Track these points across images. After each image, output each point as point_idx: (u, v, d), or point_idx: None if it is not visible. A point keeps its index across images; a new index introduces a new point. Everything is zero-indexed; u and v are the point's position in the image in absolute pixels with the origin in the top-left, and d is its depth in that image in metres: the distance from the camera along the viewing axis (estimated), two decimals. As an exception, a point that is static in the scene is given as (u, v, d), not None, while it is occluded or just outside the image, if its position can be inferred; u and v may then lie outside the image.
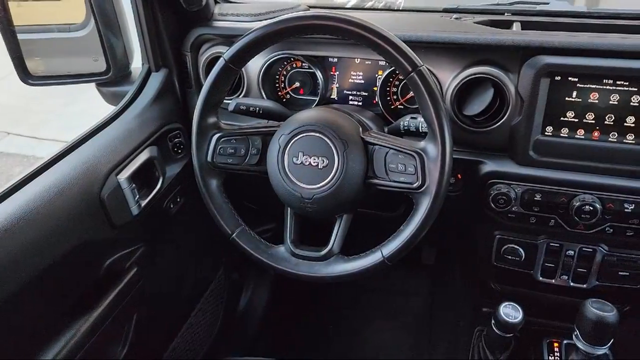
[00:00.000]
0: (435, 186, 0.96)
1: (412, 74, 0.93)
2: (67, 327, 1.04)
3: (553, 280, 1.30)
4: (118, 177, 1.13)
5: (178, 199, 1.35)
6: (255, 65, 1.29)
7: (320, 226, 1.13)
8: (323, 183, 1.00)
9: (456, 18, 1.28)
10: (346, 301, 2.19)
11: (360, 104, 1.32)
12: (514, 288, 1.41)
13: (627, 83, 1.03)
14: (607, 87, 1.05)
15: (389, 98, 1.28)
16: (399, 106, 1.28)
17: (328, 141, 0.99)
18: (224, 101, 1.12)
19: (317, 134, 1.00)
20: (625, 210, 1.10)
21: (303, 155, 1.01)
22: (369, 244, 1.04)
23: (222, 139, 1.08)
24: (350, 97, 1.32)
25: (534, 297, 1.39)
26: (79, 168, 1.06)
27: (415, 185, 0.97)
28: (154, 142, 1.26)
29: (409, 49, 0.93)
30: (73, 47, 1.35)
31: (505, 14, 1.33)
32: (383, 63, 1.26)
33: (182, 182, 1.35)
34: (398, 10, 1.47)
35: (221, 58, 1.01)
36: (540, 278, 1.31)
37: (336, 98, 1.33)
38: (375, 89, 1.27)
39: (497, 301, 1.28)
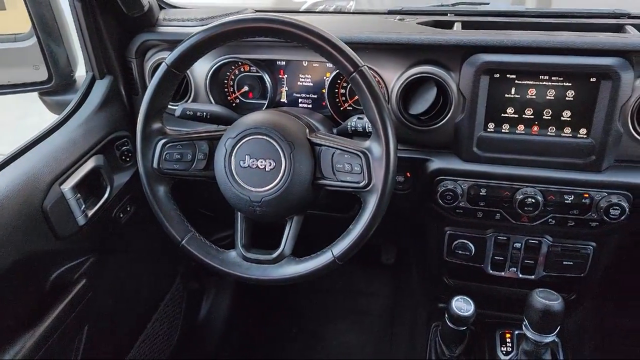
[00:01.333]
0: (381, 184, 0.97)
1: (353, 74, 0.94)
2: (12, 343, 1.00)
3: (503, 273, 1.34)
4: (62, 187, 1.10)
5: (128, 208, 1.33)
6: (202, 70, 1.29)
7: (273, 229, 1.13)
8: (271, 185, 1.00)
9: (400, 19, 1.30)
10: (309, 303, 2.20)
11: (310, 106, 1.33)
12: (467, 282, 1.44)
13: (561, 79, 1.07)
14: (544, 83, 1.08)
15: (337, 100, 1.29)
16: (347, 107, 1.29)
17: (274, 143, 1.00)
18: (172, 107, 1.10)
19: (264, 137, 1.00)
20: (566, 201, 1.14)
21: (250, 159, 1.01)
22: (324, 245, 1.05)
23: (168, 145, 1.06)
24: (300, 100, 1.33)
25: (486, 290, 1.43)
26: (18, 179, 1.02)
27: (362, 184, 0.99)
28: (100, 151, 1.24)
29: (350, 49, 0.94)
30: (19, 57, 1.32)
31: (448, 14, 1.36)
32: (330, 65, 1.27)
33: (132, 191, 1.32)
34: (344, 12, 1.49)
35: (163, 63, 1.00)
36: (491, 271, 1.34)
37: (286, 101, 1.33)
38: (323, 91, 1.28)
39: (452, 296, 1.31)
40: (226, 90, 1.35)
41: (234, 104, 1.36)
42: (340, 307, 2.19)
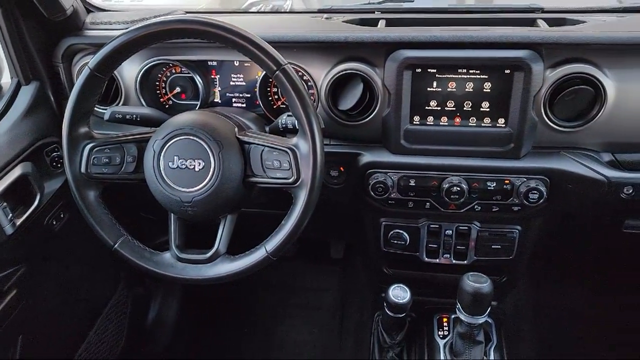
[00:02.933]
0: (310, 179, 1.00)
1: (277, 72, 0.96)
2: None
3: (437, 260, 1.39)
4: None
5: (62, 215, 1.30)
6: (132, 73, 1.28)
7: (212, 228, 1.14)
8: (201, 185, 1.01)
9: (326, 18, 1.33)
10: (261, 302, 2.21)
11: (244, 105, 1.34)
12: (405, 271, 1.49)
13: (478, 71, 1.12)
14: (462, 76, 1.14)
15: (270, 98, 1.31)
16: (280, 105, 1.31)
17: (203, 143, 1.01)
18: (101, 111, 1.09)
19: (191, 137, 1.01)
20: (489, 188, 1.20)
21: (179, 159, 1.01)
22: (261, 242, 1.07)
23: (96, 149, 1.06)
24: (234, 100, 1.34)
25: (423, 278, 1.48)
26: None
27: (291, 180, 1.01)
28: (28, 158, 1.21)
29: (272, 48, 0.96)
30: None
31: (375, 12, 1.40)
32: (261, 64, 1.29)
33: (65, 197, 1.30)
34: (276, 12, 1.51)
35: (86, 67, 1.00)
36: (426, 259, 1.39)
37: (219, 101, 1.34)
38: (256, 90, 1.30)
39: (390, 285, 1.35)
40: (158, 92, 1.35)
41: (167, 106, 1.36)
42: (292, 304, 2.22)
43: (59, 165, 1.29)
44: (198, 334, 2.04)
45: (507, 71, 1.11)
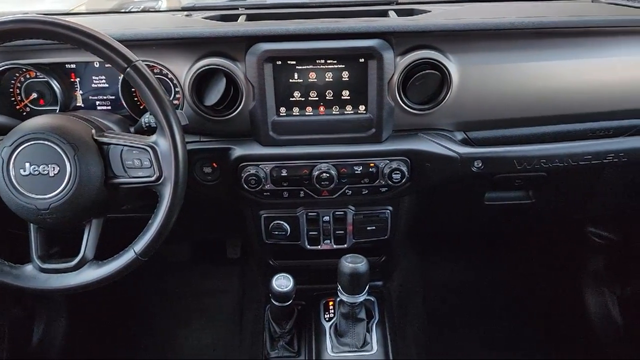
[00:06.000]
0: (173, 175, 0.99)
1: (127, 69, 0.95)
2: None
3: (319, 247, 1.44)
4: None
5: None
6: (-21, 80, 1.20)
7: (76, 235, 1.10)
8: (58, 191, 0.97)
9: (187, 15, 1.33)
10: (160, 309, 2.15)
11: (109, 108, 1.30)
12: (290, 261, 1.52)
13: (335, 61, 1.18)
14: (322, 66, 1.18)
15: (136, 99, 1.28)
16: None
17: (56, 147, 0.97)
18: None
19: (43, 142, 0.97)
20: (356, 172, 1.26)
21: (31, 166, 0.97)
22: None
23: None
24: (98, 103, 1.29)
25: (308, 266, 1.52)
26: None
27: (154, 177, 1.01)
28: None
29: (121, 46, 0.95)
30: None
31: (240, 9, 1.42)
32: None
33: None
34: (134, 12, 1.48)
35: None
36: (309, 246, 1.43)
37: (82, 105, 1.29)
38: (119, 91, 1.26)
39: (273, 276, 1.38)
40: (13, 99, 1.27)
41: (24, 113, 1.28)
42: (192, 309, 2.18)
43: None
44: (92, 352, 1.94)
45: (362, 60, 1.17)
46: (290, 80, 1.19)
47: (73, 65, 1.25)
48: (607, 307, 1.90)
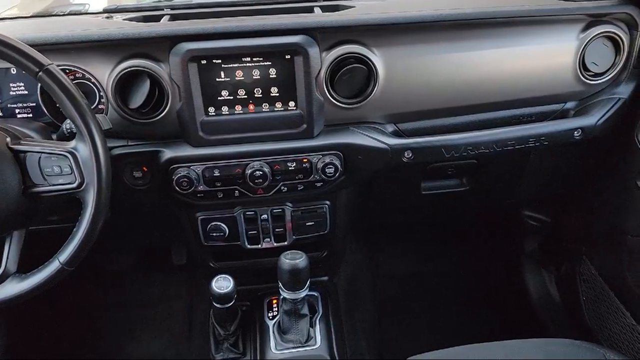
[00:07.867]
0: (95, 181, 0.97)
1: (39, 73, 0.92)
2: None
3: (260, 246, 1.43)
4: None
5: None
6: None
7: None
8: None
9: (107, 17, 1.30)
10: (108, 322, 2.10)
11: (30, 115, 1.25)
12: (231, 262, 1.51)
13: (261, 58, 1.17)
14: (248, 64, 1.17)
15: (57, 104, 1.23)
16: (71, 111, 1.25)
17: None
18: None
19: None
20: (290, 168, 1.26)
21: None
22: None
23: None
24: (18, 111, 1.23)
25: (250, 265, 1.51)
26: None
27: (75, 184, 0.98)
28: None
29: (32, 49, 0.92)
30: None
31: (165, 9, 1.39)
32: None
33: None
34: (50, 15, 1.43)
35: None
36: (249, 246, 1.43)
37: (1, 114, 1.24)
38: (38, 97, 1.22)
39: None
40: None
41: None
42: (141, 318, 2.13)
43: None
44: None
45: (288, 56, 1.17)
46: (217, 80, 1.18)
47: None
48: (545, 286, 1.98)
